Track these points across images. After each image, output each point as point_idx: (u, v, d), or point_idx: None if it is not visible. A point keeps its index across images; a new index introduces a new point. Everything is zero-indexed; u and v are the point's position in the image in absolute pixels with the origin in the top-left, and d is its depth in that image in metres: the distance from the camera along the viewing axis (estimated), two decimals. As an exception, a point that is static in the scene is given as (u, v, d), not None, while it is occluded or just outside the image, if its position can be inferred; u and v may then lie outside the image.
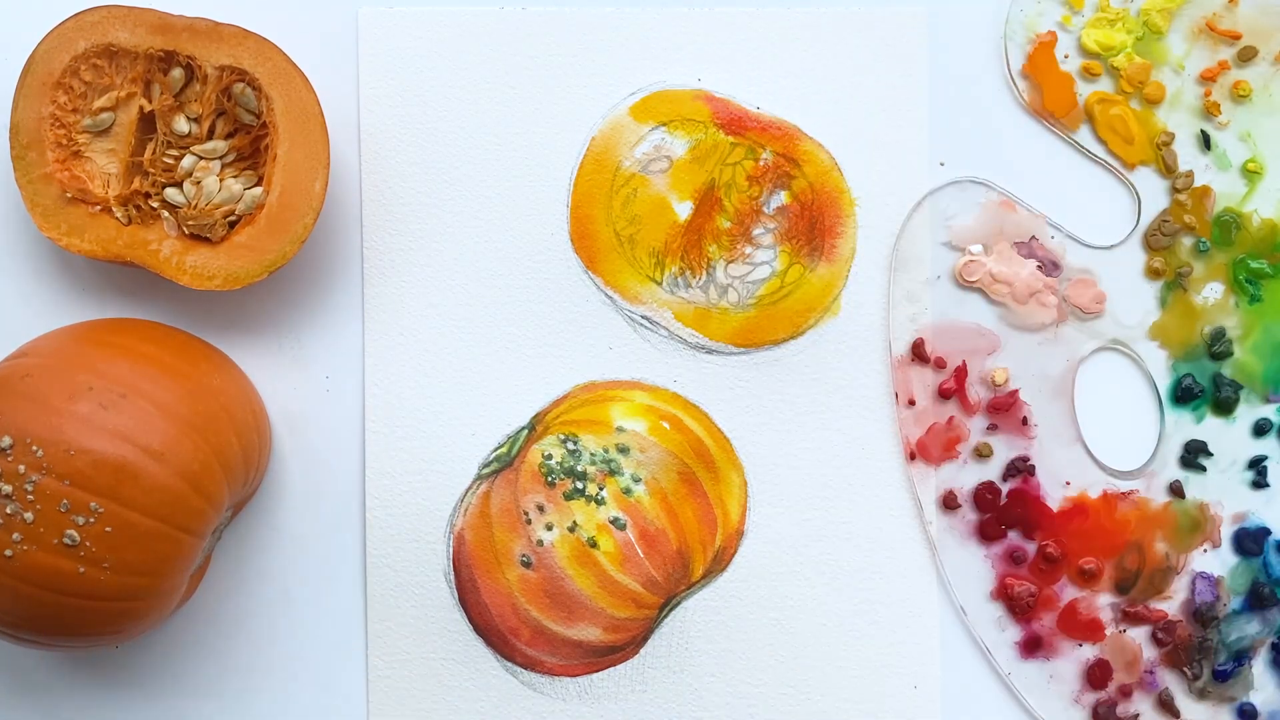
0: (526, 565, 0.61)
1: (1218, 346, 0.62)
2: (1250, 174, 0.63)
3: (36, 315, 0.61)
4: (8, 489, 0.50)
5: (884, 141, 0.62)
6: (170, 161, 0.58)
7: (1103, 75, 0.62)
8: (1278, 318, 0.63)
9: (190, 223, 0.58)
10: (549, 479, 0.61)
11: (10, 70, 0.58)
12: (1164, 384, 0.63)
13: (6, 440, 0.51)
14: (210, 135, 0.59)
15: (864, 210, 0.62)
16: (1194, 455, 0.62)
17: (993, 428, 0.62)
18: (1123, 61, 0.62)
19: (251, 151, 0.59)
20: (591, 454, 0.61)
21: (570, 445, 0.61)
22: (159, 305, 0.61)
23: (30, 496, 0.50)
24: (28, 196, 0.58)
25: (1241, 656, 0.62)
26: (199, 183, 0.58)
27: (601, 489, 0.61)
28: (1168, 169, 0.62)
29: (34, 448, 0.51)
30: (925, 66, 0.62)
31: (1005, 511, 0.62)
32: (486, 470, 0.61)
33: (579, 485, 0.61)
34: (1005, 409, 0.62)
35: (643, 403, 0.61)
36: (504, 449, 0.61)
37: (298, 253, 0.58)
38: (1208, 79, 0.63)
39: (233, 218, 0.58)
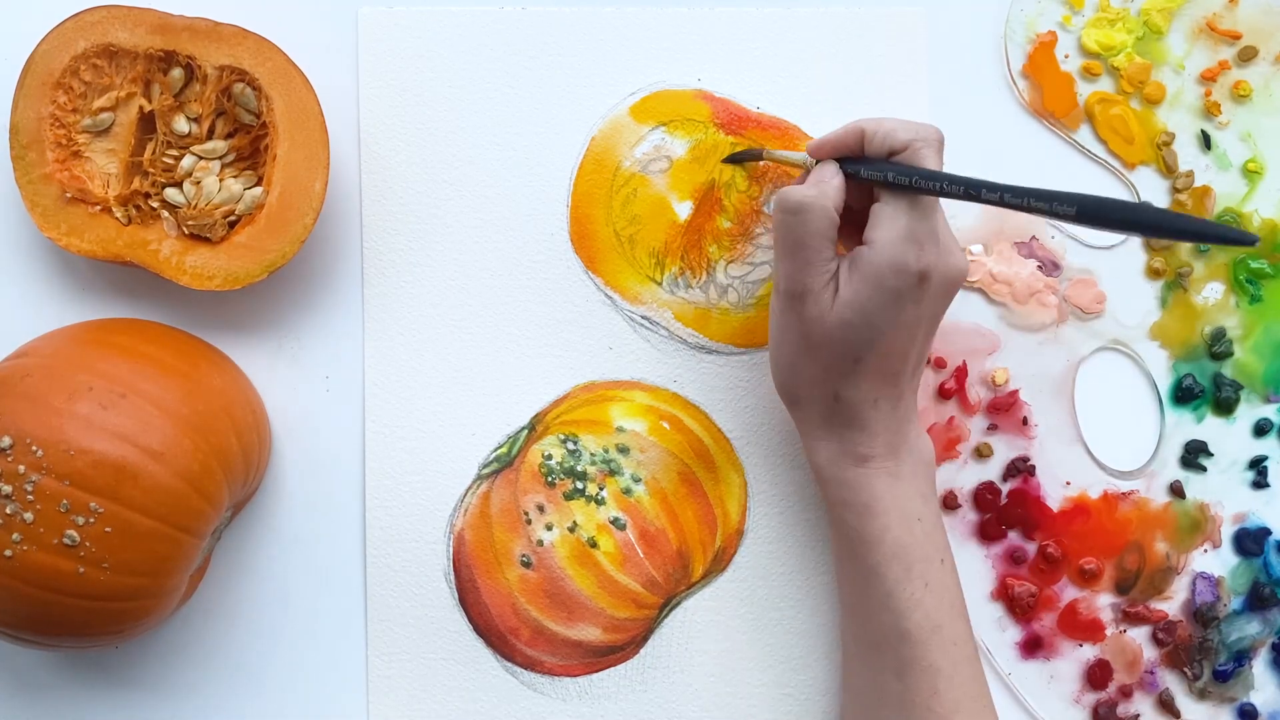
0: (526, 565, 0.61)
1: (1218, 346, 0.62)
2: (1250, 174, 0.63)
3: (36, 315, 0.61)
4: (8, 489, 0.50)
5: (884, 141, 0.62)
6: (170, 161, 0.58)
7: (1103, 75, 0.62)
8: (1278, 318, 0.63)
9: (190, 223, 0.58)
10: (549, 479, 0.61)
11: (10, 70, 0.58)
12: (1164, 384, 0.63)
13: (6, 440, 0.51)
14: (210, 135, 0.59)
15: (864, 210, 0.62)
16: (1194, 455, 0.62)
17: (993, 428, 0.62)
18: (1123, 61, 0.62)
19: (251, 151, 0.59)
20: (591, 454, 0.61)
21: (570, 445, 0.61)
22: (159, 305, 0.61)
23: (30, 496, 0.50)
24: (28, 196, 0.58)
25: (1242, 656, 0.62)
26: (199, 183, 0.58)
27: (601, 489, 0.61)
28: (1168, 169, 0.62)
29: (34, 448, 0.51)
30: (925, 66, 0.62)
31: (1005, 511, 0.62)
32: (486, 470, 0.61)
33: (579, 485, 0.61)
34: (1005, 409, 0.62)
35: (643, 403, 0.61)
36: (504, 449, 0.61)
37: (298, 253, 0.58)
38: (1208, 79, 0.63)
39: (233, 218, 0.58)
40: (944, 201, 0.62)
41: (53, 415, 0.51)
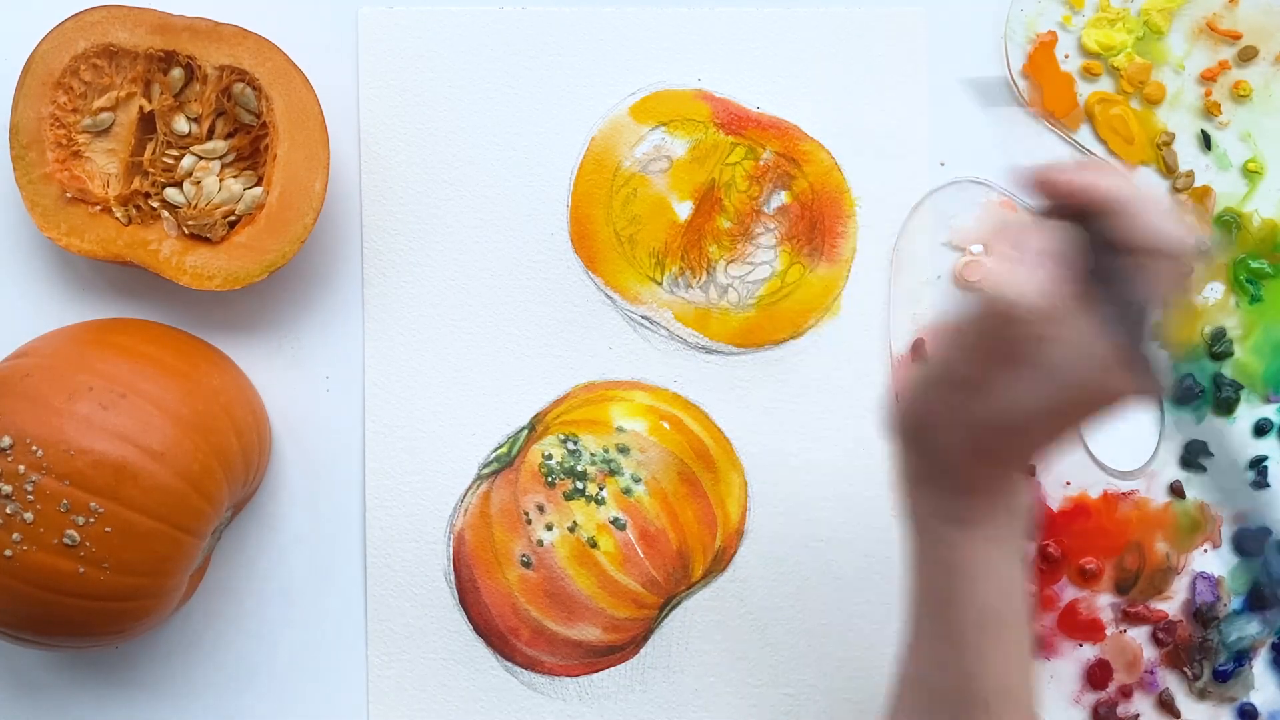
0: (526, 565, 0.61)
1: (1218, 346, 0.62)
2: (1250, 174, 0.63)
3: (36, 315, 0.61)
4: (8, 489, 0.50)
5: (884, 141, 0.62)
6: (170, 161, 0.58)
7: (1103, 75, 0.62)
8: (1278, 318, 0.63)
9: (190, 223, 0.58)
10: (549, 479, 0.61)
11: (10, 70, 0.58)
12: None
13: (6, 440, 0.51)
14: (210, 135, 0.59)
15: (864, 210, 0.62)
16: (1194, 455, 0.62)
17: (993, 428, 0.62)
18: (1123, 61, 0.62)
19: (251, 151, 0.59)
20: (591, 454, 0.61)
21: (570, 445, 0.61)
22: (159, 305, 0.61)
23: (30, 496, 0.50)
24: (28, 196, 0.58)
25: (1242, 656, 0.62)
26: (199, 183, 0.58)
27: (601, 489, 0.61)
28: (1168, 169, 0.62)
29: (34, 448, 0.51)
30: (925, 66, 0.62)
31: (1005, 511, 0.62)
32: (486, 470, 0.61)
33: (579, 485, 0.61)
34: (1005, 409, 0.62)
35: (643, 403, 0.61)
36: (504, 449, 0.61)
37: (298, 253, 0.58)
38: (1208, 79, 0.63)
39: (233, 218, 0.58)
40: (943, 196, 0.62)
41: (53, 415, 0.51)
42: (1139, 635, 0.62)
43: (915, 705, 0.53)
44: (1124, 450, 0.62)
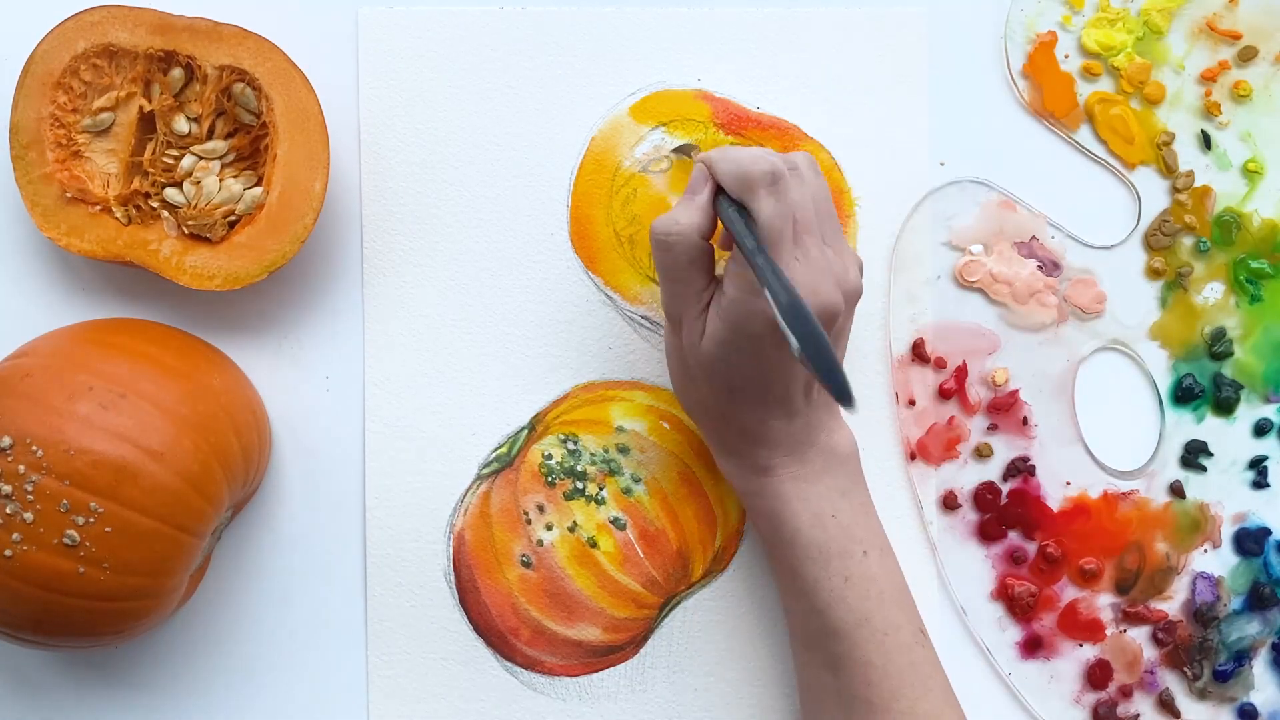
0: (526, 565, 0.61)
1: (1218, 346, 0.62)
2: (1250, 174, 0.63)
3: (36, 315, 0.61)
4: (8, 489, 0.50)
5: (884, 141, 0.62)
6: (170, 161, 0.58)
7: (1103, 75, 0.62)
8: (1278, 318, 0.63)
9: (190, 223, 0.58)
10: (549, 479, 0.61)
11: (10, 70, 0.58)
12: (1164, 384, 0.63)
13: (6, 440, 0.51)
14: (210, 135, 0.59)
15: (864, 210, 0.62)
16: (1194, 455, 0.62)
17: (993, 428, 0.62)
18: (1123, 61, 0.62)
19: (251, 151, 0.59)
20: (591, 454, 0.61)
21: (570, 445, 0.61)
22: (159, 305, 0.61)
23: (30, 496, 0.50)
24: (28, 196, 0.58)
25: (1242, 656, 0.62)
26: (199, 183, 0.58)
27: (601, 489, 0.61)
28: (1168, 169, 0.62)
29: (34, 448, 0.51)
30: (925, 66, 0.62)
31: (1005, 511, 0.62)
32: (486, 470, 0.61)
33: (579, 485, 0.61)
34: (1005, 409, 0.62)
35: (643, 403, 0.61)
36: (504, 449, 0.61)
37: (298, 253, 0.58)
38: (1208, 79, 0.63)
39: (233, 218, 0.58)
40: (943, 196, 0.62)
41: (53, 415, 0.51)
42: (1139, 635, 0.62)
43: (797, 655, 0.57)
44: (1124, 450, 0.62)
